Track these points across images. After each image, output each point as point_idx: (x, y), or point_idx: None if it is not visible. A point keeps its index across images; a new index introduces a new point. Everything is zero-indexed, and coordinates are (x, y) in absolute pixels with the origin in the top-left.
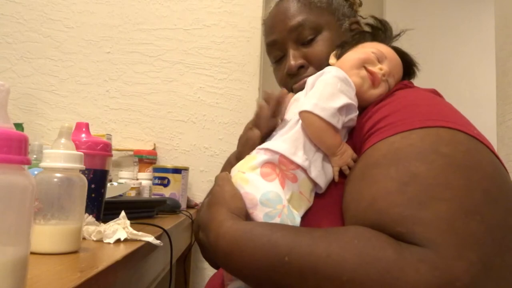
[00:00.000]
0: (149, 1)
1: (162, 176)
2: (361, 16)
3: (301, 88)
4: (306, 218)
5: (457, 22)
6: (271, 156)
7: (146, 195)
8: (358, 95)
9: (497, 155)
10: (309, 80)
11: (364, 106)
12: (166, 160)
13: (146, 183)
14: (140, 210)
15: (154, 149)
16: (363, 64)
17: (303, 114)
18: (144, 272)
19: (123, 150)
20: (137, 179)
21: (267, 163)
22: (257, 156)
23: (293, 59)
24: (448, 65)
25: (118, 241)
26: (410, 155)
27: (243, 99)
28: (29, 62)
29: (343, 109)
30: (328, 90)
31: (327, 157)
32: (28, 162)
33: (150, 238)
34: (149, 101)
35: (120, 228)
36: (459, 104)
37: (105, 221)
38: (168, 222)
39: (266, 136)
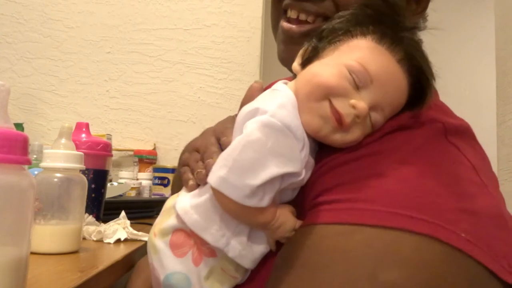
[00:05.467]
0: (149, 1)
1: (162, 176)
2: None
3: (293, 32)
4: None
5: (457, 22)
6: (182, 224)
7: (146, 195)
8: (317, 139)
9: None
10: (239, 118)
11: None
12: (166, 160)
13: (146, 183)
14: (140, 210)
15: (154, 149)
16: (327, 96)
17: (212, 189)
18: None
19: (123, 150)
20: (137, 179)
21: (179, 230)
22: (171, 215)
23: None
24: (448, 65)
25: (118, 241)
26: (342, 266)
27: None
28: (29, 62)
29: (275, 180)
30: (248, 155)
31: None
32: (28, 162)
33: None
34: (149, 101)
35: (120, 228)
36: (459, 104)
37: (105, 221)
38: None
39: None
